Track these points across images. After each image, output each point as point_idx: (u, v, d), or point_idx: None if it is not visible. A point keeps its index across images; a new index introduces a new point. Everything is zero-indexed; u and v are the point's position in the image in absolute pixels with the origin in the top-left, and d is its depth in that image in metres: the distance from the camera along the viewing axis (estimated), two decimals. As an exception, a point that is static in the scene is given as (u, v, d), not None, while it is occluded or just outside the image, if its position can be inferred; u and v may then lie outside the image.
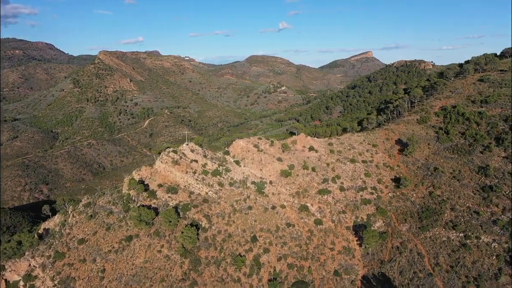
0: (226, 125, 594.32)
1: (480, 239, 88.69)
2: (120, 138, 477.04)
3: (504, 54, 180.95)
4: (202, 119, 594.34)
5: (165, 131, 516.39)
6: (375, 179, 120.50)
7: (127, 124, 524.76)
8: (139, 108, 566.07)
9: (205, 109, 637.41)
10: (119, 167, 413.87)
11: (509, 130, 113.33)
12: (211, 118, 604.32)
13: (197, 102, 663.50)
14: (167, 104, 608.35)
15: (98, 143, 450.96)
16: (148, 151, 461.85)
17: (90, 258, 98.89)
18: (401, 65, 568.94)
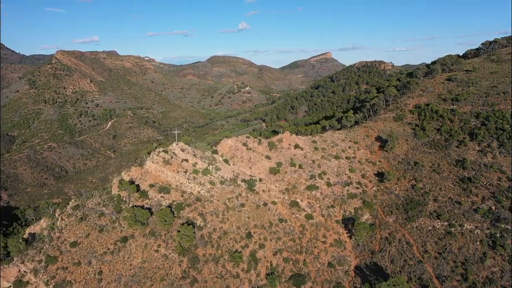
0: (192, 125, 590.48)
1: (464, 226, 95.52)
2: (83, 141, 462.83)
3: (467, 55, 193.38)
4: (167, 120, 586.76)
5: (129, 133, 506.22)
6: (359, 174, 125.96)
7: (89, 126, 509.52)
8: (101, 109, 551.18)
9: (169, 110, 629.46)
10: (82, 171, 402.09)
11: (481, 126, 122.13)
12: (176, 119, 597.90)
13: (160, 103, 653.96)
14: (129, 105, 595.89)
15: (60, 146, 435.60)
16: (113, 153, 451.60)
17: (85, 261, 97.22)
18: (362, 65, 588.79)
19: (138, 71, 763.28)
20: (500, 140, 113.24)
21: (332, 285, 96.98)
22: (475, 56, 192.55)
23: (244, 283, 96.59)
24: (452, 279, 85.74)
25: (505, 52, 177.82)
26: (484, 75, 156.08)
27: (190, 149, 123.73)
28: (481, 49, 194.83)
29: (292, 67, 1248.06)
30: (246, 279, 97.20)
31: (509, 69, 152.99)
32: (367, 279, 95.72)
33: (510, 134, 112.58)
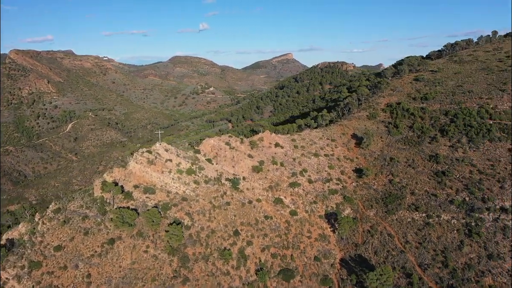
0: (156, 127, 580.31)
1: (441, 217, 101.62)
2: (42, 144, 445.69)
3: (430, 56, 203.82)
4: (130, 121, 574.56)
5: (91, 135, 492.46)
6: (338, 170, 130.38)
7: (47, 128, 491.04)
8: (60, 111, 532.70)
9: (132, 111, 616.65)
10: (43, 175, 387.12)
11: (450, 123, 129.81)
12: (140, 120, 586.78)
13: (122, 104, 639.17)
14: (90, 107, 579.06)
15: (17, 149, 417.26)
16: (75, 156, 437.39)
17: (72, 265, 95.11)
18: (325, 66, 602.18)
19: (98, 72, 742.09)
20: (469, 136, 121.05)
21: (319, 278, 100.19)
22: (438, 57, 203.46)
23: (235, 280, 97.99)
24: (434, 266, 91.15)
25: (466, 53, 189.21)
26: (448, 75, 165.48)
27: (174, 149, 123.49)
28: (443, 51, 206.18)
29: (254, 67, 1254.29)
30: (237, 276, 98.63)
31: (471, 70, 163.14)
32: (353, 271, 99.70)
33: (477, 130, 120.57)
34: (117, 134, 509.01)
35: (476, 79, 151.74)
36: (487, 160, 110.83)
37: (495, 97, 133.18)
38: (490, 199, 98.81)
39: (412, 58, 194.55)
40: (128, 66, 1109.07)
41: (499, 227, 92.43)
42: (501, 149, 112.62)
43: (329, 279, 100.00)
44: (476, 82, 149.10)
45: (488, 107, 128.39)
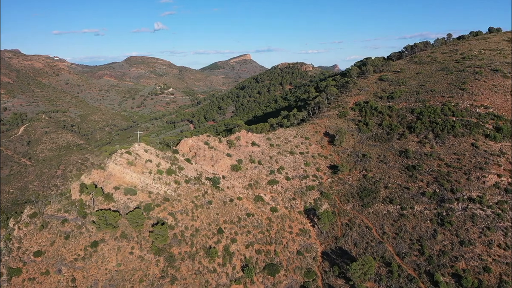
0: (114, 129, 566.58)
1: (414, 208, 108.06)
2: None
3: (391, 57, 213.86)
4: (87, 124, 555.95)
5: (46, 138, 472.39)
6: (314, 167, 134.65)
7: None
8: (10, 113, 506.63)
9: (88, 113, 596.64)
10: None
11: (416, 120, 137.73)
12: (97, 122, 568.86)
13: (78, 106, 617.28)
14: (43, 109, 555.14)
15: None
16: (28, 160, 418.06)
17: (54, 269, 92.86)
18: (284, 67, 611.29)
19: (50, 72, 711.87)
20: (435, 132, 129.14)
21: (303, 271, 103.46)
22: (399, 58, 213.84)
23: (222, 277, 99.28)
24: (411, 254, 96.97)
25: (425, 55, 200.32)
26: (411, 75, 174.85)
27: (153, 149, 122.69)
28: (403, 52, 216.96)
29: (212, 68, 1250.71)
30: (223, 273, 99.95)
31: (431, 70, 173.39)
32: (334, 263, 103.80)
33: (442, 126, 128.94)
34: (73, 137, 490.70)
35: (437, 79, 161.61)
36: (453, 154, 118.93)
37: (456, 95, 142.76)
38: (458, 190, 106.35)
39: (375, 59, 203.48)
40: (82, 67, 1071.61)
41: (468, 216, 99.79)
42: (464, 144, 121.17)
43: (312, 271, 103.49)
44: (437, 82, 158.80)
45: (450, 105, 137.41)
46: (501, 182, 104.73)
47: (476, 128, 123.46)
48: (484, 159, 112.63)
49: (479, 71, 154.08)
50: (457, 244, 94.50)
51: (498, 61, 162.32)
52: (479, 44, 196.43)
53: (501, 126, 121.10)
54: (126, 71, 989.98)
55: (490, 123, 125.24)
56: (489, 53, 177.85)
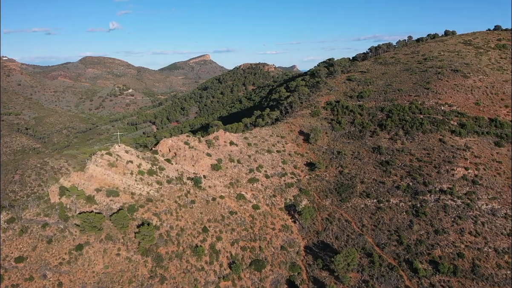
0: (72, 131, 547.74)
1: (390, 201, 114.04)
2: None
3: (357, 59, 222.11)
4: (42, 127, 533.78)
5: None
6: (291, 165, 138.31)
7: None
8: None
9: (43, 115, 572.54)
10: None
11: (386, 118, 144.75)
12: (53, 125, 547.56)
13: (32, 108, 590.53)
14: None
15: None
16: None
17: (39, 275, 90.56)
18: (247, 67, 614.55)
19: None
20: (404, 129, 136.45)
21: (288, 266, 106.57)
22: (363, 59, 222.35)
23: (210, 275, 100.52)
24: (390, 245, 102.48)
25: (388, 56, 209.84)
26: (377, 76, 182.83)
27: (133, 150, 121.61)
28: (368, 53, 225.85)
29: (171, 68, 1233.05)
30: (211, 271, 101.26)
31: (396, 71, 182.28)
32: (318, 256, 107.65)
33: (411, 124, 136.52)
34: (28, 140, 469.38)
35: (403, 79, 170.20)
36: (423, 150, 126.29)
37: (422, 94, 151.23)
38: (430, 183, 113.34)
39: (342, 60, 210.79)
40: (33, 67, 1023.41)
41: (441, 206, 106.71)
42: (433, 140, 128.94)
43: (297, 265, 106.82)
44: (403, 82, 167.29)
45: (417, 103, 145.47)
46: (468, 174, 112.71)
47: (442, 125, 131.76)
48: (452, 153, 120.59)
49: (441, 71, 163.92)
50: (432, 233, 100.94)
51: (457, 62, 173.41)
52: (438, 46, 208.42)
53: (465, 123, 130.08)
54: (82, 71, 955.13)
55: (455, 120, 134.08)
56: (448, 55, 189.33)
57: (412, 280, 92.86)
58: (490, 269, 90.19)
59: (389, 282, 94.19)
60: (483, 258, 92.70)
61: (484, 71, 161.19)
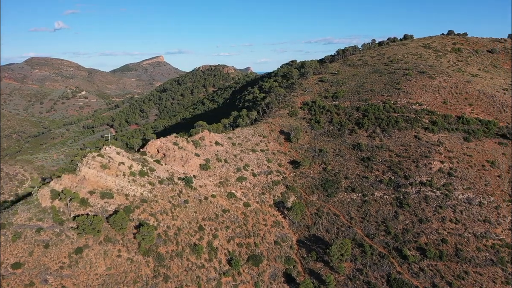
0: (23, 136, 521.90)
1: (374, 195, 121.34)
2: None
3: (325, 60, 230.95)
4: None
5: None
6: (276, 163, 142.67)
7: None
8: None
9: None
10: None
11: (363, 117, 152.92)
12: (1, 129, 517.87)
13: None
14: None
15: None
16: None
17: (39, 280, 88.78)
18: (206, 69, 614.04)
19: None
20: (381, 127, 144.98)
21: (283, 259, 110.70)
22: (331, 61, 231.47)
23: (210, 272, 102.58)
24: (379, 235, 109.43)
25: (355, 58, 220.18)
26: (348, 77, 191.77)
27: (124, 151, 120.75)
28: (335, 56, 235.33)
29: (123, 70, 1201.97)
30: (211, 268, 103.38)
31: (365, 72, 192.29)
32: (311, 249, 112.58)
33: (387, 122, 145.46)
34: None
35: (373, 80, 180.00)
36: (401, 146, 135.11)
37: (394, 94, 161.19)
38: (410, 176, 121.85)
39: (312, 62, 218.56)
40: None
41: (422, 197, 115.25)
42: (408, 136, 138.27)
43: (291, 259, 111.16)
44: (374, 83, 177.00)
45: (390, 103, 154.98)
46: (444, 167, 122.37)
47: (416, 122, 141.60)
48: (427, 148, 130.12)
49: (408, 73, 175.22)
50: (417, 222, 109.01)
51: (421, 64, 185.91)
52: (400, 49, 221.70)
53: (436, 120, 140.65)
54: (28, 73, 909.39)
55: (426, 118, 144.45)
56: (411, 57, 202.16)
57: (403, 266, 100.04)
58: (472, 252, 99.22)
59: (382, 269, 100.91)
60: (464, 242, 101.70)
61: (447, 73, 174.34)
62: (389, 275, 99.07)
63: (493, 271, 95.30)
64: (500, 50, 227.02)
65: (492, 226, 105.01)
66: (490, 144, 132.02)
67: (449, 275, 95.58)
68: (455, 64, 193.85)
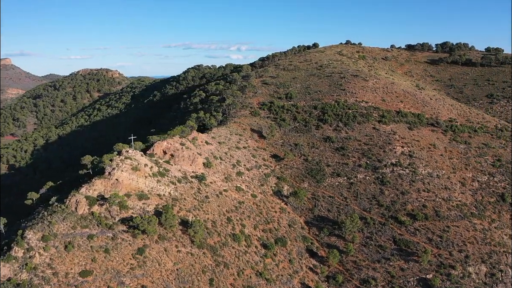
0: None
1: (358, 177, 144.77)
2: None
3: (255, 64, 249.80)
4: None
5: None
6: (261, 158, 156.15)
7: None
8: None
9: None
10: None
11: (323, 114, 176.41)
12: None
13: None
14: None
15: None
16: None
17: (116, 283, 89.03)
18: (87, 73, 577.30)
19: None
20: (343, 122, 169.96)
21: (301, 238, 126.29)
22: (261, 66, 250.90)
23: (253, 256, 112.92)
24: (373, 208, 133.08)
25: (286, 63, 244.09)
26: (289, 80, 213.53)
27: (142, 153, 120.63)
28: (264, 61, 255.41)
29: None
30: (252, 252, 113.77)
31: (303, 76, 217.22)
32: (320, 227, 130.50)
33: (346, 117, 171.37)
34: None
35: (316, 82, 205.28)
36: (365, 136, 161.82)
37: (341, 94, 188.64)
38: (382, 160, 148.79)
39: (245, 66, 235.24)
40: None
41: (396, 175, 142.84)
42: (368, 128, 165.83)
43: (307, 237, 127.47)
44: (317, 85, 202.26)
45: (342, 101, 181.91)
46: (405, 151, 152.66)
47: (369, 117, 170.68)
48: (387, 137, 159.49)
49: (344, 75, 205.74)
50: (400, 195, 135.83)
51: (350, 69, 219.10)
52: (320, 56, 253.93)
53: (383, 114, 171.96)
54: None
55: (375, 112, 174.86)
56: (336, 63, 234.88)
57: (401, 229, 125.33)
58: (446, 212, 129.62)
59: (386, 234, 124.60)
60: (438, 205, 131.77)
61: (375, 76, 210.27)
62: (394, 238, 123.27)
63: (464, 223, 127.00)
64: (391, 58, 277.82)
65: (451, 191, 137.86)
66: (426, 131, 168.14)
67: (437, 230, 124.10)
68: (370, 69, 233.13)
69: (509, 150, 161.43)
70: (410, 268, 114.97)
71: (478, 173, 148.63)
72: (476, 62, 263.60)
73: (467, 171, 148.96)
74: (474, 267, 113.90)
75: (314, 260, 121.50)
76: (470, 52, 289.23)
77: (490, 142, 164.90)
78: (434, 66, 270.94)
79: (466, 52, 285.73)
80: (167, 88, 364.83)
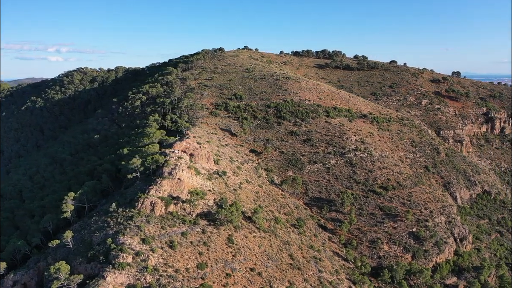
0: None
1: (331, 162, 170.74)
2: None
3: (176, 66, 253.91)
4: None
5: None
6: (244, 153, 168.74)
7: None
8: None
9: None
10: None
11: (278, 112, 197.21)
12: None
13: None
14: None
15: None
16: None
17: (229, 270, 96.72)
18: None
19: None
20: (299, 118, 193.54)
21: (309, 217, 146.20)
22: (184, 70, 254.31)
23: (294, 234, 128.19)
24: (353, 185, 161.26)
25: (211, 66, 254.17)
26: (225, 81, 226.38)
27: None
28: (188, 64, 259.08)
29: None
30: (292, 232, 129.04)
31: (237, 78, 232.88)
32: (319, 206, 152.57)
33: (301, 114, 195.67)
34: None
35: (253, 84, 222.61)
36: (322, 128, 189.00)
37: (285, 94, 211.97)
38: (345, 147, 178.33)
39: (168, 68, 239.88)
40: None
41: (359, 158, 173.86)
42: (321, 122, 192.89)
43: (314, 216, 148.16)
44: (256, 86, 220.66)
45: (289, 100, 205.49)
46: (357, 138, 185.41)
47: (318, 112, 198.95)
48: (339, 128, 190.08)
49: (277, 78, 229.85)
50: (368, 173, 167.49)
51: (277, 72, 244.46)
52: (237, 60, 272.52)
53: (327, 110, 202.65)
54: None
55: (320, 108, 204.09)
56: (258, 66, 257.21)
57: (381, 198, 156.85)
58: (404, 181, 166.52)
59: (371, 204, 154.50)
60: (397, 178, 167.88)
61: (301, 78, 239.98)
62: (378, 206, 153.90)
63: (417, 189, 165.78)
64: (288, 62, 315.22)
65: (401, 166, 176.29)
66: (360, 122, 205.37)
67: (404, 196, 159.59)
68: (285, 71, 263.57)
69: (415, 133, 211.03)
70: (399, 226, 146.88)
71: (406, 152, 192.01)
72: (353, 67, 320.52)
73: (399, 151, 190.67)
74: (439, 218, 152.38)
75: (327, 232, 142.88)
76: (343, 58, 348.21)
77: (402, 128, 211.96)
78: (323, 70, 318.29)
79: (342, 58, 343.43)
80: (50, 92, 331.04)
